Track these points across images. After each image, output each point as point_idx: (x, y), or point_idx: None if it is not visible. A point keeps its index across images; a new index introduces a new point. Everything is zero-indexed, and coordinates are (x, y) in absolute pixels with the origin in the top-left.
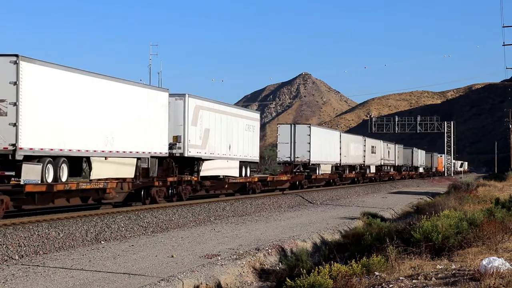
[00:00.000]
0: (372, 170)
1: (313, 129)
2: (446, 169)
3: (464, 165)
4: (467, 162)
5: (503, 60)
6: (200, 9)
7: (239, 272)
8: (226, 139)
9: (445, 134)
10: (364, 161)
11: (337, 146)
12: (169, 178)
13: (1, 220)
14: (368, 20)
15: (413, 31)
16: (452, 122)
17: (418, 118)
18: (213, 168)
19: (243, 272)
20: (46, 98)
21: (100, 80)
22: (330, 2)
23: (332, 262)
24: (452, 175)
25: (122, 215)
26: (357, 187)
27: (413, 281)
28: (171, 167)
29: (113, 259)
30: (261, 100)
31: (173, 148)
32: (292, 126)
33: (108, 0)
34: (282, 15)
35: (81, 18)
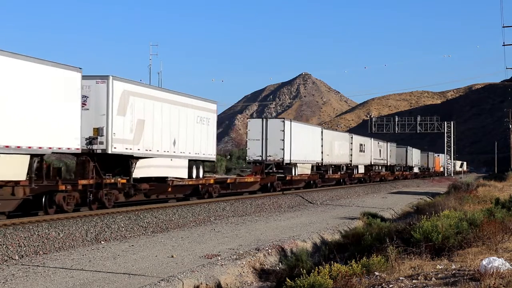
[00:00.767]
0: (361, 171)
1: (288, 124)
2: (446, 169)
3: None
4: (466, 162)
5: (503, 60)
6: (200, 10)
7: (239, 272)
8: (170, 133)
9: (445, 134)
10: (351, 161)
11: (319, 144)
12: (82, 181)
13: (1, 220)
14: (368, 20)
15: (413, 31)
16: (452, 122)
17: (418, 118)
18: (152, 168)
19: (243, 272)
20: None
21: None
22: (330, 2)
23: (332, 262)
24: (452, 175)
25: (122, 215)
26: (357, 187)
27: (413, 281)
28: (87, 167)
29: (113, 259)
30: (261, 100)
31: (93, 143)
32: (264, 121)
33: (108, 0)
34: (282, 16)
35: (81, 18)
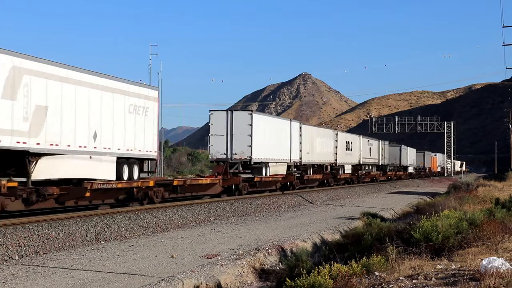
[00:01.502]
0: (347, 170)
1: (258, 118)
2: (446, 169)
3: (463, 165)
4: (465, 162)
5: (503, 60)
6: (200, 9)
7: (239, 272)
8: (88, 125)
9: (445, 134)
10: (336, 160)
11: (297, 141)
12: None
13: (1, 220)
14: (368, 20)
15: (413, 31)
16: (452, 122)
17: (418, 118)
18: (62, 167)
19: (243, 272)
20: None
21: None
22: (330, 2)
23: (332, 262)
24: (452, 175)
25: (122, 215)
26: (357, 187)
27: (413, 281)
28: None
29: (113, 259)
30: (261, 100)
31: None
32: (229, 114)
33: (108, 0)
34: (282, 15)
35: (81, 18)
